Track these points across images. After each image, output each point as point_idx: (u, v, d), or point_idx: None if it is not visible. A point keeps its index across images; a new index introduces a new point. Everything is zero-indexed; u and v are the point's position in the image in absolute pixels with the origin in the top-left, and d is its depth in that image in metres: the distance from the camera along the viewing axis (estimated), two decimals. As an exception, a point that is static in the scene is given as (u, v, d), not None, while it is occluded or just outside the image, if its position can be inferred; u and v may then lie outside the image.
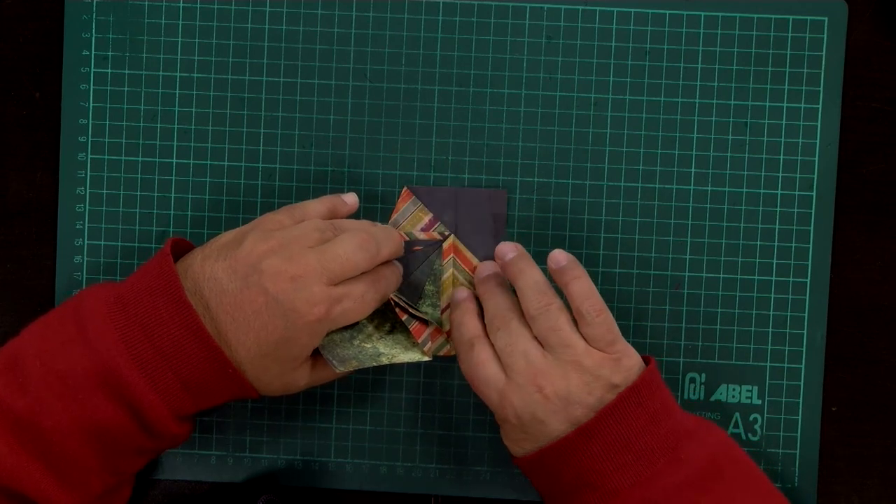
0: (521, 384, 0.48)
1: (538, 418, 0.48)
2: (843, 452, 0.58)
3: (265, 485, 0.58)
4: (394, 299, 0.55)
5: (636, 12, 0.57)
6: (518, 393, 0.48)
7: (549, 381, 0.48)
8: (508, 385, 0.49)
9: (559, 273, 0.51)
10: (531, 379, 0.48)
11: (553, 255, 0.51)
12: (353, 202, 0.54)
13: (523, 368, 0.49)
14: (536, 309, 0.50)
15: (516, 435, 0.49)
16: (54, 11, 0.58)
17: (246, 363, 0.47)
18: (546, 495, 0.51)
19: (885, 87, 0.58)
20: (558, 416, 0.48)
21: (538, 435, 0.48)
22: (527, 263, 0.52)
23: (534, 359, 0.49)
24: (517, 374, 0.49)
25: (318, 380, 0.52)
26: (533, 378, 0.48)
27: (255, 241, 0.48)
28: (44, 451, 0.45)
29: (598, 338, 0.49)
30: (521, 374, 0.49)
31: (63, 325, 0.47)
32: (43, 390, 0.45)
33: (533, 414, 0.48)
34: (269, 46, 0.57)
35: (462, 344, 0.52)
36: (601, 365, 0.48)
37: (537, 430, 0.48)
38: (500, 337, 0.50)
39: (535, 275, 0.51)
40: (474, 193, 0.57)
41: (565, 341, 0.49)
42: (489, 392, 0.50)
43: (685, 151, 0.57)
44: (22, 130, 0.58)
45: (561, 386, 0.48)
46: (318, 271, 0.47)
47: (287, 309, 0.46)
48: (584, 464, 0.47)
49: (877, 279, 0.58)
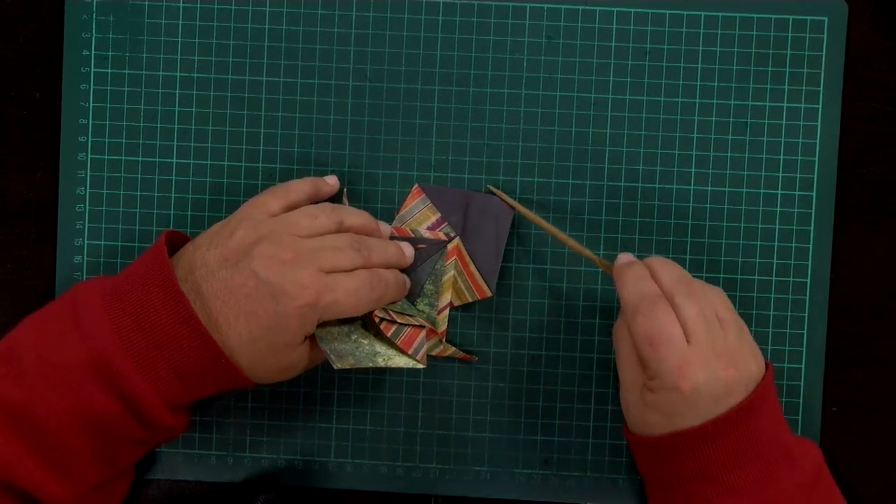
0: (708, 357, 0.46)
1: (714, 397, 0.46)
2: (843, 452, 0.58)
3: (265, 485, 0.58)
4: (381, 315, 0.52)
5: (636, 12, 0.57)
6: (704, 366, 0.46)
7: (733, 363, 0.47)
8: (693, 353, 0.47)
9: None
10: (717, 356, 0.47)
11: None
12: (334, 182, 0.56)
13: (710, 342, 0.47)
14: (702, 287, 0.49)
15: (668, 408, 0.47)
16: (54, 11, 0.58)
17: (238, 350, 0.47)
18: (654, 480, 0.50)
19: (885, 87, 0.58)
20: (721, 400, 0.46)
21: (691, 416, 0.46)
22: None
23: (719, 336, 0.47)
24: (703, 345, 0.47)
25: (316, 359, 0.52)
26: (719, 355, 0.47)
27: (247, 230, 0.49)
28: (39, 442, 0.45)
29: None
30: (707, 346, 0.47)
31: (59, 317, 0.47)
32: (38, 381, 0.45)
33: (711, 392, 0.46)
34: (269, 46, 0.57)
35: (643, 299, 0.48)
36: (761, 357, 0.49)
37: (701, 408, 0.46)
38: (689, 303, 0.48)
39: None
40: (485, 200, 0.57)
41: (742, 325, 0.49)
42: (669, 354, 0.47)
43: (685, 151, 0.57)
44: (22, 130, 0.58)
45: (743, 372, 0.47)
46: (309, 257, 0.48)
47: (277, 291, 0.46)
48: (712, 455, 0.46)
49: (877, 279, 0.58)
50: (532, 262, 0.57)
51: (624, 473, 0.57)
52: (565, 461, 0.58)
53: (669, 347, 0.47)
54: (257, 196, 0.52)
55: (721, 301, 0.49)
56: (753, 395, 0.47)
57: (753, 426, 0.47)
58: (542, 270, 0.57)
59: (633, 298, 0.49)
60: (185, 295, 0.46)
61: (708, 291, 0.50)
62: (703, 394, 0.46)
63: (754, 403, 0.47)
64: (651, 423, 0.48)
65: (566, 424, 0.58)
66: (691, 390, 0.46)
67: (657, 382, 0.47)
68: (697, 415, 0.46)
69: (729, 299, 0.50)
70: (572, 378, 0.58)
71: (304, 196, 0.54)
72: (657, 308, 0.48)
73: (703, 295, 0.49)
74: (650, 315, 0.48)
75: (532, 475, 0.58)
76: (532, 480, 0.58)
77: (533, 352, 0.57)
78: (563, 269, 0.57)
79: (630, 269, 0.51)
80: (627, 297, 0.49)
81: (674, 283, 0.49)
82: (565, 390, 0.58)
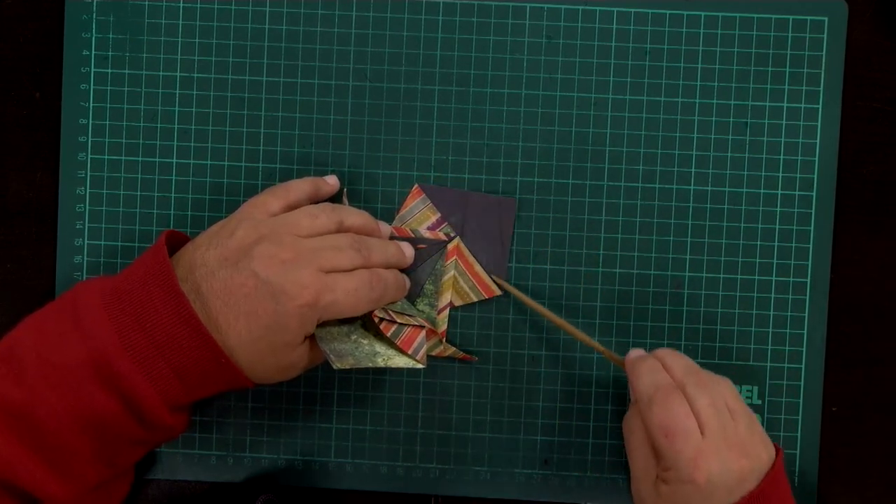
0: (721, 448, 0.47)
1: (727, 487, 0.46)
2: (843, 452, 0.58)
3: (265, 485, 0.58)
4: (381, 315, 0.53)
5: (636, 12, 0.57)
6: (718, 457, 0.46)
7: (745, 453, 0.47)
8: (708, 445, 0.47)
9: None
10: (730, 446, 0.47)
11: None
12: (334, 182, 0.56)
13: (722, 432, 0.47)
14: (711, 378, 0.50)
15: (682, 500, 0.47)
16: (54, 11, 0.58)
17: (238, 349, 0.47)
18: None
19: (885, 87, 0.58)
20: (735, 491, 0.46)
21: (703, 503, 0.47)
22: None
23: (730, 426, 0.47)
24: (716, 436, 0.47)
25: (316, 359, 0.52)
26: (731, 446, 0.47)
27: (247, 230, 0.48)
28: (39, 442, 0.45)
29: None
30: (720, 437, 0.47)
31: (59, 317, 0.47)
32: (38, 381, 0.45)
33: (725, 483, 0.46)
34: (269, 46, 0.57)
35: (658, 391, 0.49)
36: (770, 444, 0.49)
37: (716, 499, 0.46)
38: (701, 394, 0.48)
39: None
40: (484, 199, 0.57)
41: (751, 413, 0.49)
42: (683, 446, 0.47)
43: (685, 151, 0.57)
44: (22, 130, 0.58)
45: (755, 461, 0.47)
46: (309, 257, 0.48)
47: (277, 291, 0.46)
48: None
49: (877, 279, 0.58)
50: (532, 263, 0.57)
51: (624, 473, 0.58)
52: (565, 461, 0.58)
53: (685, 439, 0.47)
54: (257, 196, 0.52)
55: (730, 391, 0.50)
56: (763, 483, 0.47)
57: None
58: (543, 270, 0.57)
59: (647, 390, 0.49)
60: (186, 295, 0.46)
61: (718, 382, 0.50)
62: (718, 485, 0.46)
63: (765, 492, 0.47)
64: None
65: (566, 424, 0.58)
66: (706, 482, 0.46)
67: (672, 474, 0.47)
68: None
69: (736, 389, 0.50)
70: (572, 378, 0.58)
71: (304, 196, 0.54)
72: (672, 399, 0.48)
73: (714, 386, 0.49)
74: (665, 406, 0.48)
75: (532, 475, 0.58)
76: (532, 480, 0.58)
77: (533, 352, 0.57)
78: (563, 270, 0.57)
79: (643, 362, 0.51)
80: (642, 389, 0.50)
81: (685, 374, 0.50)
82: (565, 390, 0.58)
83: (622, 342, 0.57)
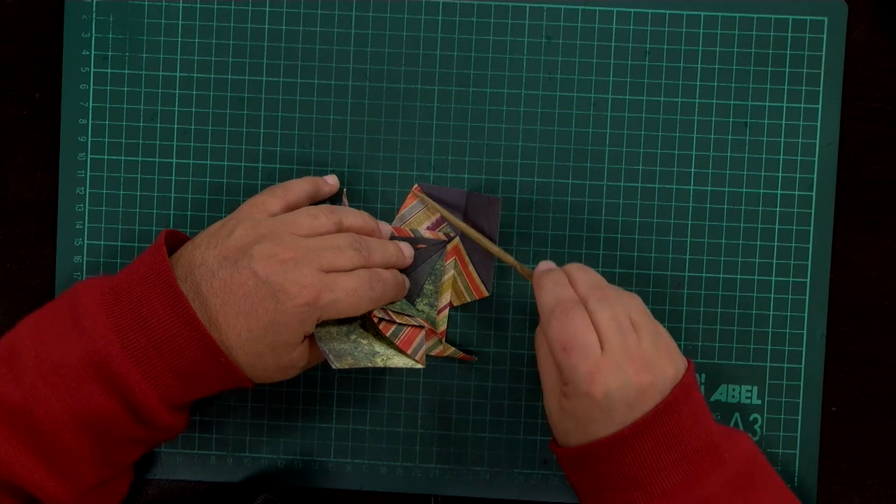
0: (620, 363, 0.46)
1: (627, 402, 0.45)
2: (843, 452, 0.58)
3: (265, 485, 0.58)
4: (380, 315, 0.53)
5: (636, 12, 0.57)
6: (616, 372, 0.45)
7: (647, 367, 0.46)
8: (606, 359, 0.46)
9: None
10: (631, 360, 0.46)
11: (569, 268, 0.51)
12: (334, 182, 0.56)
13: (623, 347, 0.46)
14: (618, 293, 0.49)
15: (582, 415, 0.46)
16: (54, 11, 0.58)
17: (237, 349, 0.47)
18: (583, 490, 0.49)
19: (885, 87, 0.58)
20: (636, 405, 0.46)
21: (605, 422, 0.46)
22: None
23: (632, 341, 0.47)
24: (616, 351, 0.46)
25: (315, 358, 0.52)
26: (632, 360, 0.46)
27: (246, 228, 0.48)
28: (37, 441, 0.45)
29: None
30: (620, 352, 0.46)
31: (58, 317, 0.47)
32: (37, 381, 0.45)
33: (624, 397, 0.45)
34: (269, 46, 0.57)
35: (558, 304, 0.48)
36: (679, 359, 0.48)
37: (616, 414, 0.46)
38: (602, 308, 0.47)
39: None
40: (481, 199, 0.57)
41: (659, 329, 0.48)
42: (580, 361, 0.46)
43: (685, 151, 0.57)
44: (22, 130, 0.58)
45: (658, 376, 0.46)
46: (309, 257, 0.48)
47: (276, 290, 0.46)
48: (633, 461, 0.46)
49: (877, 279, 0.58)
50: (532, 263, 0.57)
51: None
52: (565, 461, 0.58)
53: (582, 353, 0.46)
54: (256, 196, 0.52)
55: (636, 306, 0.49)
56: (669, 397, 0.46)
57: (671, 428, 0.46)
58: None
59: (549, 304, 0.49)
60: (185, 294, 0.46)
61: (624, 296, 0.49)
62: (616, 399, 0.45)
63: (671, 406, 0.46)
64: (568, 431, 0.48)
65: (566, 424, 0.58)
66: (603, 396, 0.45)
67: (571, 388, 0.47)
68: (612, 421, 0.46)
69: (644, 304, 0.49)
70: (572, 378, 0.58)
71: (304, 196, 0.54)
72: (571, 313, 0.47)
73: (618, 300, 0.48)
74: (564, 320, 0.47)
75: (531, 475, 0.58)
76: (531, 480, 0.58)
77: (533, 352, 0.57)
78: (562, 269, 0.57)
79: (548, 276, 0.50)
80: (544, 303, 0.49)
81: (588, 289, 0.49)
82: (565, 390, 0.58)
83: (622, 342, 0.57)
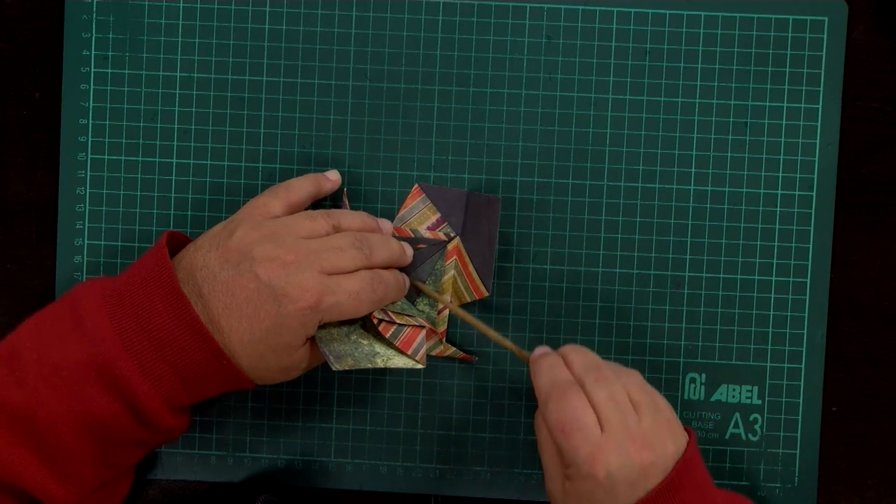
0: (621, 442, 0.45)
1: (629, 481, 0.45)
2: (843, 452, 0.58)
3: (265, 485, 0.58)
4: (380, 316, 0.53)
5: (636, 12, 0.57)
6: (617, 451, 0.45)
7: (647, 445, 0.46)
8: (606, 440, 0.46)
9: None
10: (631, 439, 0.46)
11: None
12: (335, 178, 0.56)
13: (622, 426, 0.46)
14: (615, 371, 0.49)
15: (587, 496, 0.46)
16: (54, 11, 0.58)
17: (239, 351, 0.47)
18: None
19: (885, 87, 0.58)
20: (638, 484, 0.45)
21: (609, 502, 0.45)
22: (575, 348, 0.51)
23: (632, 419, 0.46)
24: (616, 430, 0.46)
25: (317, 360, 0.52)
26: (633, 439, 0.46)
27: (247, 230, 0.48)
28: (39, 443, 0.45)
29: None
30: (620, 431, 0.46)
31: (59, 319, 0.47)
32: (39, 383, 0.45)
33: (626, 477, 0.45)
34: (269, 46, 0.57)
35: (554, 387, 0.48)
36: (680, 433, 0.48)
37: (619, 494, 0.45)
38: (599, 388, 0.47)
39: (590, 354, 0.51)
40: (482, 199, 0.57)
41: (658, 404, 0.48)
42: (581, 443, 0.46)
43: (685, 151, 0.57)
44: (22, 130, 0.58)
45: (659, 453, 0.46)
46: (310, 259, 0.48)
47: (279, 294, 0.46)
48: None
49: (877, 279, 0.58)
50: (532, 263, 0.57)
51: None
52: (565, 461, 0.58)
53: (582, 434, 0.46)
54: (258, 197, 0.52)
55: (634, 383, 0.48)
56: (672, 473, 0.46)
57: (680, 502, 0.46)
58: (542, 270, 0.57)
59: (545, 387, 0.48)
60: (187, 297, 0.46)
61: (622, 374, 0.49)
62: (619, 479, 0.45)
63: (673, 483, 0.46)
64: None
65: (566, 424, 0.58)
66: (605, 477, 0.45)
67: (573, 471, 0.46)
68: (616, 501, 0.45)
69: (643, 379, 0.49)
70: (572, 378, 0.58)
71: (306, 194, 0.53)
72: (568, 395, 0.47)
73: (616, 378, 0.48)
74: (561, 402, 0.47)
75: (531, 475, 0.58)
76: (532, 480, 0.58)
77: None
78: (563, 270, 0.57)
79: (544, 360, 0.50)
80: (541, 387, 0.49)
81: (584, 370, 0.48)
82: (565, 390, 0.58)
83: (622, 342, 0.57)
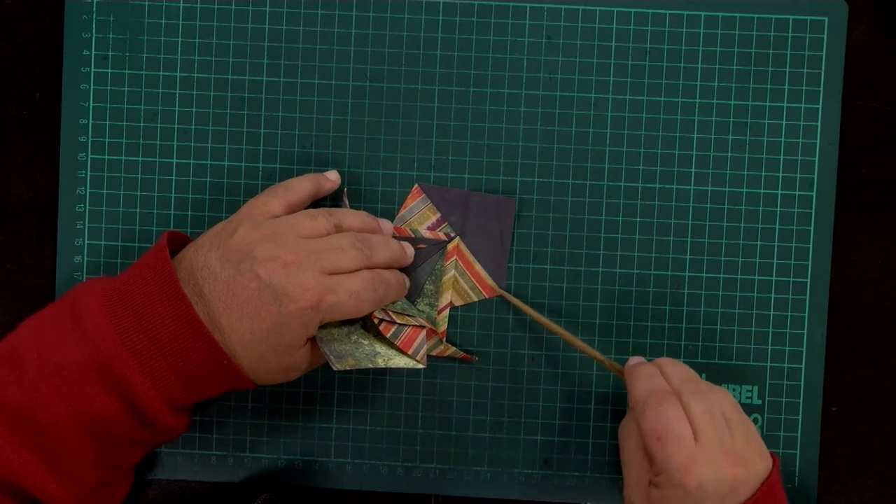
0: (715, 455, 0.46)
1: (719, 495, 0.46)
2: (843, 452, 0.58)
3: (265, 485, 0.58)
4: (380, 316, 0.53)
5: (636, 12, 0.57)
6: (711, 464, 0.46)
7: (740, 461, 0.46)
8: (700, 451, 0.46)
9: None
10: (724, 454, 0.46)
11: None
12: (335, 178, 0.56)
13: (717, 440, 0.47)
14: (710, 387, 0.49)
15: (673, 502, 0.46)
16: (54, 11, 0.58)
17: (240, 351, 0.47)
18: None
19: (885, 87, 0.58)
20: (727, 499, 0.46)
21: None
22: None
23: (726, 435, 0.47)
24: (710, 443, 0.46)
25: (318, 360, 0.52)
26: (726, 454, 0.46)
27: (247, 229, 0.48)
28: (39, 443, 0.45)
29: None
30: (715, 445, 0.46)
31: (59, 318, 0.47)
32: (39, 383, 0.45)
33: (717, 490, 0.46)
34: (269, 46, 0.57)
35: (652, 395, 0.49)
36: (768, 456, 0.48)
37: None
38: (696, 401, 0.48)
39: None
40: (484, 198, 0.57)
41: (749, 424, 0.48)
42: (675, 451, 0.46)
43: (685, 151, 0.57)
44: (22, 130, 0.58)
45: (749, 470, 0.46)
46: (311, 259, 0.48)
47: (279, 294, 0.46)
48: None
49: (877, 279, 0.58)
50: (532, 263, 0.57)
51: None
52: (565, 461, 0.58)
53: (677, 444, 0.46)
54: (258, 196, 0.52)
55: (728, 401, 0.49)
56: (758, 493, 0.46)
57: None
58: (543, 270, 0.57)
59: (643, 395, 0.49)
60: (188, 297, 0.46)
61: (716, 391, 0.49)
62: (709, 492, 0.46)
63: (759, 501, 0.46)
64: None
65: (566, 424, 0.58)
66: (697, 487, 0.45)
67: (664, 479, 0.47)
68: None
69: (735, 400, 0.50)
70: (572, 378, 0.58)
71: (306, 194, 0.53)
72: (666, 404, 0.48)
73: (711, 395, 0.49)
74: (659, 410, 0.48)
75: (532, 475, 0.58)
76: (532, 480, 0.58)
77: (533, 352, 0.57)
78: (563, 270, 0.57)
79: (641, 368, 0.51)
80: (638, 394, 0.50)
81: (682, 382, 0.50)
82: (565, 390, 0.58)
83: (622, 342, 0.57)
